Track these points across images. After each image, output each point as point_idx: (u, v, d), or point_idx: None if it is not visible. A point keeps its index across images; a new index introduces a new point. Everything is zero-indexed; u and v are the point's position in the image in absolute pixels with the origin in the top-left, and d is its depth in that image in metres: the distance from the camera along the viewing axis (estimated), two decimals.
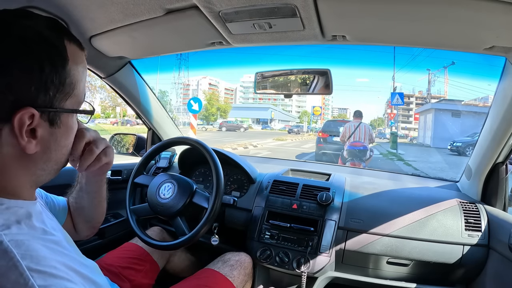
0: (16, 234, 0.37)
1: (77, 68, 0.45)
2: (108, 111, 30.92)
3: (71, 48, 0.44)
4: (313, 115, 36.08)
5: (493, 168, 1.06)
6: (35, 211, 0.45)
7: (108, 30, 0.90)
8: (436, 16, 0.69)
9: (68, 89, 0.43)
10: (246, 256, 1.07)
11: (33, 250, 0.37)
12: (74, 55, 0.44)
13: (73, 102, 0.45)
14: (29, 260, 0.35)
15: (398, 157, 10.79)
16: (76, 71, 0.44)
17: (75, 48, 0.45)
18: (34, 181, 0.46)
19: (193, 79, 70.13)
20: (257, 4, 0.72)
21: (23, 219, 0.41)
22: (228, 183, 1.35)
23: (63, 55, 0.42)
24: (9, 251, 0.34)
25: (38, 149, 0.42)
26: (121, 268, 0.95)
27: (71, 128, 0.48)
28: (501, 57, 0.84)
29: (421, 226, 1.03)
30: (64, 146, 0.47)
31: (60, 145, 0.46)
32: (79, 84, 0.46)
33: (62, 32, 0.44)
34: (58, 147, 0.46)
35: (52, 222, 0.49)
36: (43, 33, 0.41)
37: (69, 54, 0.43)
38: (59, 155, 0.47)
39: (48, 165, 0.46)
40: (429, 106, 18.80)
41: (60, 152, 0.47)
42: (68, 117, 0.46)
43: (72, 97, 0.45)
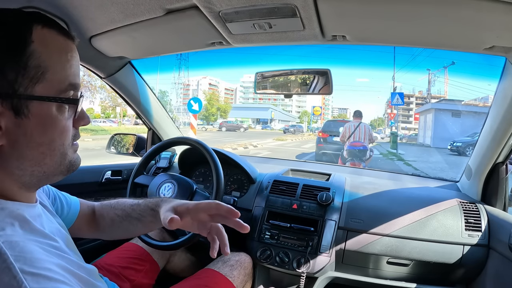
0: (10, 235, 0.36)
1: (48, 52, 0.41)
2: (108, 111, 30.92)
3: (42, 32, 0.41)
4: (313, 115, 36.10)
5: (493, 168, 1.06)
6: (32, 213, 0.43)
7: (108, 30, 0.90)
8: (436, 16, 0.69)
9: (33, 72, 0.39)
10: (246, 256, 1.07)
11: (27, 252, 0.35)
12: (45, 39, 0.41)
13: (46, 88, 0.41)
14: (22, 262, 0.34)
15: (398, 157, 10.79)
16: (47, 54, 0.40)
17: (51, 33, 0.42)
18: (18, 181, 0.43)
19: (193, 79, 70.20)
20: (257, 4, 0.72)
21: (18, 221, 0.40)
22: (228, 183, 1.35)
23: (21, 37, 0.39)
24: (2, 253, 0.33)
25: (3, 142, 0.39)
26: (121, 268, 0.95)
27: (49, 121, 0.42)
28: (501, 57, 0.84)
29: (421, 226, 1.03)
30: (41, 144, 0.41)
31: (33, 140, 0.41)
32: (53, 68, 0.41)
33: (33, 18, 0.41)
34: (31, 143, 0.41)
35: (52, 226, 0.48)
36: (1, 19, 0.39)
37: (35, 37, 0.40)
38: (36, 154, 0.42)
39: (24, 164, 0.41)
40: (429, 106, 18.79)
41: (36, 150, 0.41)
42: (41, 106, 0.40)
43: (43, 82, 0.40)
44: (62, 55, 0.43)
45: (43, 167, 0.43)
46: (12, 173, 0.42)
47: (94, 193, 1.37)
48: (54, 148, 0.43)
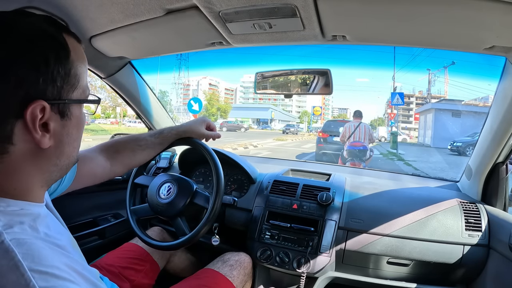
0: (18, 233, 0.37)
1: (78, 60, 0.45)
2: (109, 111, 30.92)
3: (70, 41, 0.45)
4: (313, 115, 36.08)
5: (493, 168, 1.06)
6: (40, 214, 0.44)
7: (108, 30, 0.90)
8: (436, 16, 0.69)
9: (73, 80, 0.44)
10: (245, 256, 1.07)
11: (35, 250, 0.36)
12: (74, 48, 0.45)
13: (79, 93, 0.46)
14: (30, 260, 0.34)
15: (399, 157, 10.78)
16: (78, 63, 0.45)
17: (74, 41, 0.46)
18: (46, 179, 0.46)
19: (193, 79, 70.19)
20: (257, 4, 0.72)
21: (27, 221, 0.40)
22: (228, 183, 1.35)
23: (65, 47, 0.43)
24: (10, 251, 0.34)
25: (51, 143, 0.43)
26: (121, 268, 0.95)
27: (81, 120, 0.48)
28: (501, 57, 0.84)
29: (422, 226, 1.03)
30: (75, 139, 0.48)
31: (72, 137, 0.47)
32: (83, 76, 0.47)
33: (60, 26, 0.45)
34: (70, 140, 0.46)
35: (57, 226, 0.49)
36: (44, 27, 0.42)
37: (70, 47, 0.44)
38: (71, 149, 0.47)
39: (61, 160, 0.46)
40: (429, 106, 18.78)
41: (72, 146, 0.47)
42: (77, 108, 0.46)
43: (78, 88, 0.46)
44: (85, 63, 0.48)
45: (71, 159, 0.48)
46: (46, 171, 0.45)
47: (94, 193, 1.38)
48: (80, 141, 0.50)
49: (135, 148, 0.87)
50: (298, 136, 25.53)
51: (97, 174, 0.81)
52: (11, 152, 0.40)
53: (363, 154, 4.60)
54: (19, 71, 0.38)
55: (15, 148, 0.40)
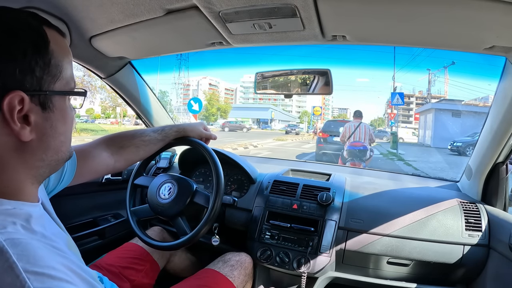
0: (12, 233, 0.36)
1: (60, 52, 0.44)
2: (109, 111, 30.91)
3: (51, 33, 0.44)
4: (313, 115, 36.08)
5: (493, 168, 1.06)
6: (35, 213, 0.43)
7: (108, 31, 0.90)
8: (436, 16, 0.69)
9: (54, 71, 0.43)
10: (246, 257, 1.07)
11: (30, 250, 0.35)
12: (56, 39, 0.44)
13: (62, 85, 0.45)
14: (25, 260, 0.33)
15: (399, 157, 10.78)
16: (60, 53, 0.44)
17: (55, 33, 0.45)
18: (34, 175, 0.45)
19: (193, 79, 70.19)
20: (257, 4, 0.72)
21: (20, 221, 0.39)
22: (228, 183, 1.35)
23: (43, 38, 0.42)
24: (4, 251, 0.33)
25: (33, 136, 0.42)
26: (122, 268, 0.95)
27: (66, 113, 0.47)
28: (501, 57, 0.84)
29: (422, 226, 1.03)
30: (61, 133, 0.46)
31: (57, 131, 0.45)
32: (66, 67, 0.46)
33: (40, 19, 0.44)
34: (55, 134, 0.45)
35: (53, 227, 0.48)
36: (22, 18, 0.42)
37: (50, 37, 0.43)
38: (57, 143, 0.46)
39: (47, 154, 0.45)
40: (429, 106, 18.77)
41: (57, 140, 0.46)
42: (60, 100, 0.45)
43: (61, 80, 0.45)
44: (69, 56, 0.47)
45: (59, 155, 0.47)
46: (33, 166, 0.44)
47: (95, 193, 1.38)
48: (68, 136, 0.49)
49: (139, 144, 0.89)
50: (298, 136, 25.52)
51: (100, 171, 0.81)
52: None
53: (363, 154, 4.60)
54: None
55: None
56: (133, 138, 0.88)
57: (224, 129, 27.52)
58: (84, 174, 0.76)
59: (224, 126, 28.87)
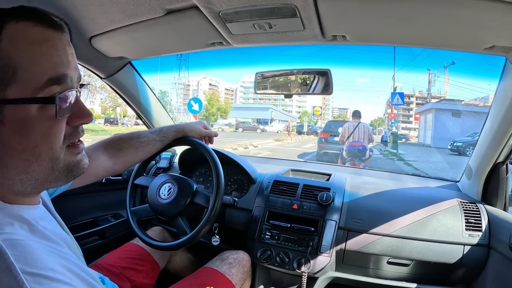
0: (10, 233, 0.35)
1: (17, 48, 0.36)
2: (109, 111, 30.90)
3: (14, 27, 0.36)
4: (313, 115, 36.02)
5: (493, 168, 1.05)
6: (34, 215, 0.42)
7: (108, 31, 0.90)
8: (436, 16, 0.69)
9: (1, 74, 0.35)
10: (244, 254, 1.07)
11: (28, 251, 0.34)
12: (15, 34, 0.36)
13: (19, 89, 0.36)
14: (23, 262, 0.32)
15: (399, 157, 10.78)
16: (15, 51, 0.36)
17: (26, 25, 0.37)
18: (11, 189, 0.40)
19: (193, 79, 70.21)
20: (257, 4, 0.72)
21: (19, 222, 0.38)
22: (229, 183, 1.35)
23: None
24: (2, 252, 0.32)
25: None
26: (122, 268, 0.95)
27: (27, 125, 0.37)
28: (501, 56, 0.84)
29: (422, 226, 1.03)
30: (22, 150, 0.38)
31: (13, 148, 0.37)
32: (25, 66, 0.36)
33: (5, 14, 0.37)
34: (11, 150, 0.37)
35: (54, 227, 0.47)
36: None
37: (5, 35, 0.36)
38: (19, 161, 0.38)
39: (9, 173, 0.38)
40: (430, 106, 18.78)
41: (18, 158, 0.38)
42: (16, 109, 0.36)
43: (16, 83, 0.36)
44: (34, 48, 0.37)
45: (33, 175, 0.40)
46: (1, 183, 0.39)
47: (95, 193, 1.38)
48: (40, 154, 0.39)
49: (137, 145, 0.88)
50: (298, 136, 25.50)
51: (99, 173, 0.81)
52: None
53: (363, 154, 4.62)
54: None
55: None
56: (130, 140, 0.88)
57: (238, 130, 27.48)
58: (85, 177, 0.75)
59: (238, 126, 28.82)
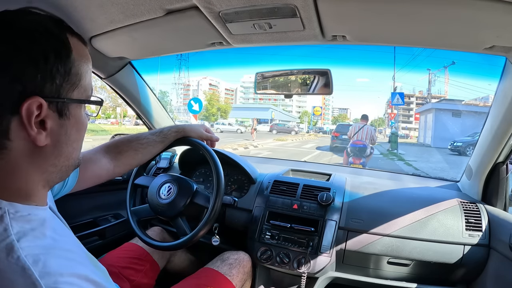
0: (31, 247, 0.38)
1: (81, 60, 0.45)
2: (109, 111, 30.89)
3: (73, 40, 0.44)
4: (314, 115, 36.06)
5: (493, 168, 1.06)
6: (46, 217, 0.44)
7: (108, 31, 0.90)
8: (436, 16, 0.69)
9: (74, 79, 0.44)
10: (244, 255, 1.07)
11: (49, 267, 0.37)
12: (77, 48, 0.45)
13: (80, 93, 0.46)
14: (47, 278, 0.35)
15: (399, 157, 10.80)
16: (80, 62, 0.45)
17: (77, 41, 0.46)
18: (46, 179, 0.46)
19: (193, 80, 70.15)
20: (257, 4, 0.72)
21: (37, 227, 0.41)
22: (229, 183, 1.35)
23: (66, 46, 0.43)
24: (26, 269, 0.35)
25: (48, 142, 0.42)
26: (121, 268, 0.95)
27: (81, 121, 0.47)
28: (501, 56, 0.84)
29: (422, 226, 1.03)
30: (74, 140, 0.47)
31: (70, 138, 0.46)
32: (85, 76, 0.46)
33: (63, 25, 0.45)
34: (69, 141, 0.46)
35: (62, 228, 0.49)
36: (46, 25, 0.42)
37: (73, 46, 0.44)
38: (70, 150, 0.47)
39: (59, 160, 0.46)
40: (430, 106, 18.77)
41: (71, 147, 0.47)
42: (77, 108, 0.46)
43: (79, 88, 0.45)
44: (89, 64, 0.48)
45: (70, 161, 0.48)
46: (45, 171, 0.45)
47: (95, 193, 1.38)
48: (80, 143, 0.50)
49: (137, 147, 0.88)
50: (298, 136, 25.51)
51: (101, 176, 0.82)
52: (9, 148, 0.40)
53: (363, 151, 5.28)
54: (17, 66, 0.38)
55: (13, 145, 0.40)
56: (130, 142, 0.88)
57: (272, 131, 27.56)
58: (86, 180, 0.77)
59: (272, 128, 28.93)
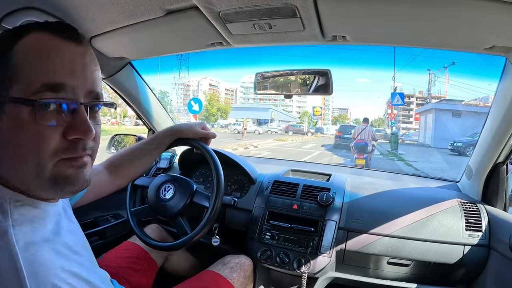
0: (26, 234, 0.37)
1: (25, 53, 0.39)
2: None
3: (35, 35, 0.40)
4: (314, 115, 36.06)
5: (493, 168, 1.05)
6: (52, 211, 0.44)
7: (108, 31, 0.90)
8: (436, 16, 0.69)
9: (9, 73, 0.38)
10: (246, 259, 1.07)
11: (39, 256, 0.36)
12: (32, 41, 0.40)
13: (19, 90, 0.38)
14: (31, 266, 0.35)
15: (399, 157, 10.79)
16: (25, 55, 0.39)
17: (40, 34, 0.40)
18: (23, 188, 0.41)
19: (193, 80, 70.13)
20: (257, 4, 0.72)
21: (38, 219, 0.40)
22: (229, 183, 1.35)
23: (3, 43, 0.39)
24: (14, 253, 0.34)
25: None
26: (120, 268, 0.95)
27: (21, 123, 0.39)
28: (501, 57, 0.84)
29: (422, 226, 1.03)
30: (17, 145, 0.39)
31: (9, 142, 0.39)
32: (25, 68, 0.39)
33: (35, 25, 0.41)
34: (8, 145, 0.39)
35: (71, 226, 0.48)
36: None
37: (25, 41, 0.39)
38: (13, 155, 0.39)
39: (4, 166, 0.40)
40: (430, 106, 18.77)
41: (13, 151, 0.39)
42: (14, 108, 0.38)
43: (18, 84, 0.38)
44: (35, 54, 0.39)
45: (19, 174, 0.40)
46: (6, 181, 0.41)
47: None
48: (26, 155, 0.39)
49: (132, 159, 0.88)
50: (298, 136, 25.50)
51: (102, 191, 0.84)
52: None
53: (365, 148, 6.78)
54: None
55: None
56: (123, 156, 0.88)
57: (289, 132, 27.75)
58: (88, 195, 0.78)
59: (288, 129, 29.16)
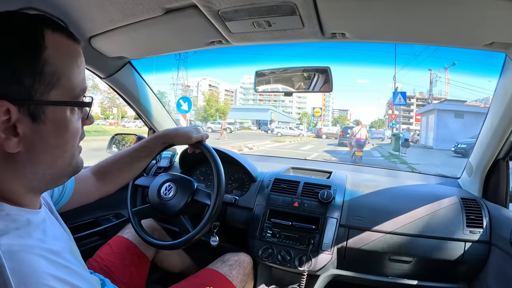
0: (12, 244, 0.36)
1: (59, 57, 0.41)
2: (108, 112, 30.91)
3: (54, 37, 0.41)
4: (313, 116, 36.05)
5: (494, 164, 1.06)
6: (36, 219, 0.43)
7: (107, 31, 0.90)
8: (436, 13, 0.69)
9: (49, 78, 0.40)
10: (245, 256, 1.07)
11: (26, 265, 0.35)
12: (57, 44, 0.41)
13: (60, 94, 0.41)
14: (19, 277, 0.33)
15: (401, 159, 10.57)
16: (58, 60, 0.41)
17: (61, 37, 0.42)
18: (27, 186, 0.43)
19: (192, 80, 70.09)
20: (256, 2, 0.72)
21: (23, 227, 0.39)
22: (229, 182, 1.35)
23: (36, 43, 0.39)
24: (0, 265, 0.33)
25: (21, 148, 0.39)
26: (112, 264, 0.95)
27: (64, 125, 0.42)
28: (501, 53, 0.84)
29: (423, 223, 1.03)
30: (56, 147, 0.42)
31: (49, 144, 0.41)
32: (67, 74, 0.42)
33: (43, 22, 0.41)
34: (47, 147, 0.42)
35: (56, 231, 0.48)
36: (13, 23, 0.39)
37: (49, 43, 0.40)
38: (50, 157, 0.42)
39: (38, 168, 0.42)
40: (432, 107, 18.70)
41: (51, 154, 0.42)
42: (56, 111, 0.41)
43: (58, 88, 0.41)
44: (73, 62, 0.43)
45: (54, 169, 0.44)
46: (23, 177, 0.42)
47: None
48: (66, 150, 0.44)
49: (121, 167, 0.86)
50: (297, 137, 25.46)
51: (90, 195, 0.83)
52: None
53: (363, 144, 9.04)
54: None
55: None
56: (113, 163, 0.86)
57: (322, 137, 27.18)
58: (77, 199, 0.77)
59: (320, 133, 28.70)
